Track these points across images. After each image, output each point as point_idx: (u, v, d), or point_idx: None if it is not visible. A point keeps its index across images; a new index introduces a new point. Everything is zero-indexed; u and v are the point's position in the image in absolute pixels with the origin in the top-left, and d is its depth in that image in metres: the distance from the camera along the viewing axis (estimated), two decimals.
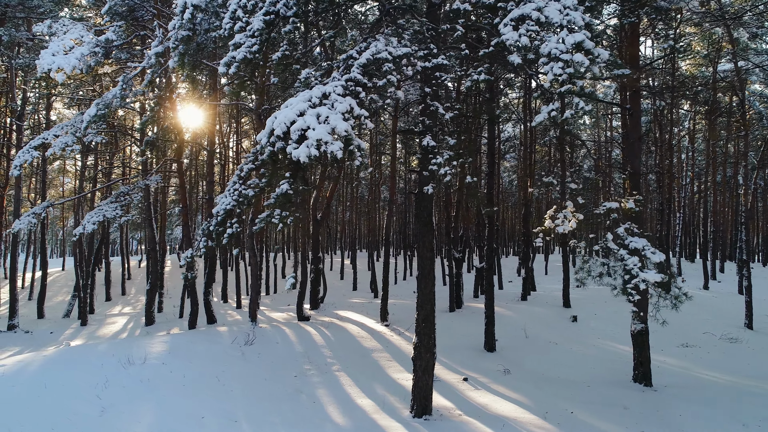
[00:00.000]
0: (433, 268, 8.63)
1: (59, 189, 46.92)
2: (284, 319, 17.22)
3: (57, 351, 11.43)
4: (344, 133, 5.96)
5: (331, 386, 9.97)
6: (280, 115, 6.29)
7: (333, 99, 6.36)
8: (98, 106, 10.49)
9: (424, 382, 8.46)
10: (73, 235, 13.65)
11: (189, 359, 10.70)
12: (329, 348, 12.30)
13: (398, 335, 14.01)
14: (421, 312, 8.57)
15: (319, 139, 5.87)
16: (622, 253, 7.03)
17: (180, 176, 15.30)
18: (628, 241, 7.03)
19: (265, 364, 10.88)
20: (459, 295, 17.66)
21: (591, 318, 16.61)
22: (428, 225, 8.51)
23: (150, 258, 18.55)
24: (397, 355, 12.24)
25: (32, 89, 21.68)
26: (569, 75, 5.96)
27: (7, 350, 16.75)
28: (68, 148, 12.43)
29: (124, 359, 10.42)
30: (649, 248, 6.87)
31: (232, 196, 8.23)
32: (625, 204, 7.49)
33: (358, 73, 6.49)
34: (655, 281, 6.68)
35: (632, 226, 7.26)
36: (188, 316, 20.97)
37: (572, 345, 13.73)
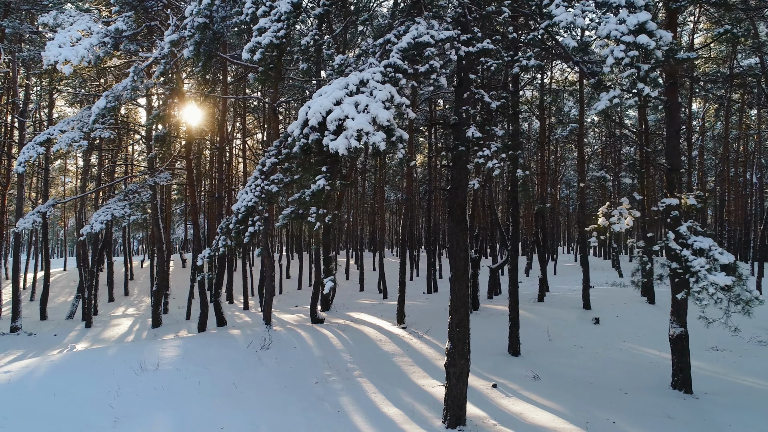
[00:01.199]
0: (467, 270, 8.12)
1: (60, 188, 46.42)
2: (296, 321, 16.71)
3: (64, 356, 10.91)
4: (387, 122, 5.45)
5: (355, 393, 9.45)
6: (314, 104, 5.78)
7: (371, 86, 5.84)
8: (108, 99, 9.97)
9: (459, 390, 7.95)
10: (80, 235, 13.14)
11: (204, 365, 10.19)
12: (348, 352, 11.79)
13: (417, 338, 13.50)
14: (454, 316, 8.05)
15: (359, 129, 5.36)
16: (686, 254, 6.53)
17: (189, 173, 14.78)
18: (691, 240, 6.52)
19: (284, 369, 10.36)
20: (476, 296, 17.16)
21: (613, 320, 16.10)
22: (462, 223, 8.00)
23: (157, 258, 18.02)
24: (419, 360, 11.73)
25: (35, 85, 21.10)
26: (632, 58, 5.45)
27: (10, 353, 16.24)
28: (75, 144, 11.91)
29: (135, 365, 9.91)
30: (716, 248, 6.35)
31: (253, 192, 7.72)
32: (686, 200, 6.98)
33: (397, 59, 5.98)
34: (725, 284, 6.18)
35: (695, 225, 6.76)
36: (197, 318, 20.49)
37: (598, 348, 13.22)
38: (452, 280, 8.10)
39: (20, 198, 18.82)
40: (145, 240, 64.12)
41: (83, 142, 11.90)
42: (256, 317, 19.78)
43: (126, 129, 19.49)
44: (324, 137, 5.64)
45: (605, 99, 5.53)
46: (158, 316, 18.75)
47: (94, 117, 9.73)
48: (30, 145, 12.32)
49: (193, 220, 14.91)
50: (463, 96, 7.85)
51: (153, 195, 15.08)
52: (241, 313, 22.15)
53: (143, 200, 14.26)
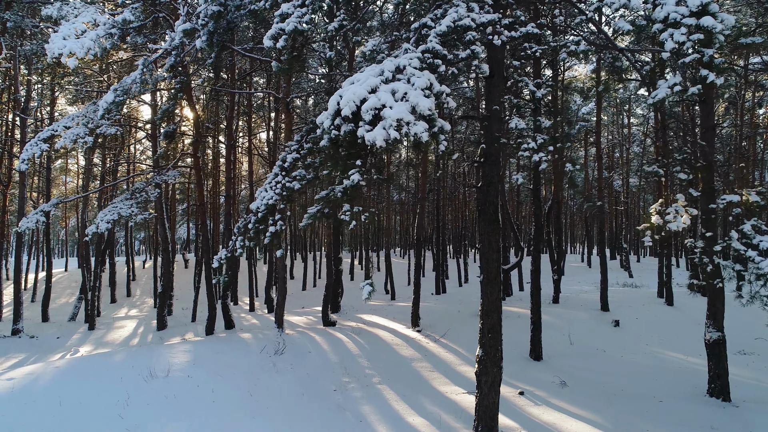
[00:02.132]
0: (500, 272, 7.65)
1: (61, 188, 45.98)
2: (306, 323, 16.23)
3: (70, 362, 10.44)
4: (428, 111, 4.98)
5: (376, 402, 8.99)
6: (347, 92, 5.30)
7: (409, 73, 5.37)
8: (116, 92, 9.50)
9: (491, 399, 7.48)
10: (84, 235, 12.66)
11: (216, 371, 9.72)
12: (365, 357, 11.32)
13: (434, 342, 13.03)
14: (486, 321, 7.58)
15: (399, 118, 4.88)
16: (752, 254, 6.07)
17: (197, 171, 14.30)
18: (757, 240, 6.08)
19: (300, 376, 9.89)
20: None
21: (633, 323, 15.64)
22: (494, 222, 7.53)
23: (162, 259, 17.55)
24: (438, 365, 11.26)
25: (37, 82, 20.61)
26: (695, 43, 4.98)
27: (12, 357, 15.78)
28: (80, 140, 11.44)
29: (145, 371, 9.45)
30: None
31: (273, 189, 7.25)
32: (747, 197, 6.53)
33: (436, 43, 5.51)
34: None
35: (759, 223, 6.30)
36: (203, 320, 20.02)
37: (622, 353, 12.76)
38: (483, 282, 7.63)
39: (22, 197, 18.34)
40: (146, 240, 63.64)
41: (88, 138, 11.43)
42: (263, 319, 19.32)
43: (130, 126, 18.99)
44: (358, 128, 5.17)
45: (664, 87, 5.06)
46: (163, 318, 18.28)
47: (102, 111, 9.25)
48: (33, 141, 11.85)
49: (200, 220, 14.45)
50: (496, 87, 7.38)
51: (160, 194, 14.59)
52: (248, 314, 21.68)
53: (151, 199, 13.79)
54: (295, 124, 34.68)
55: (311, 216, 6.53)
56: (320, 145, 5.84)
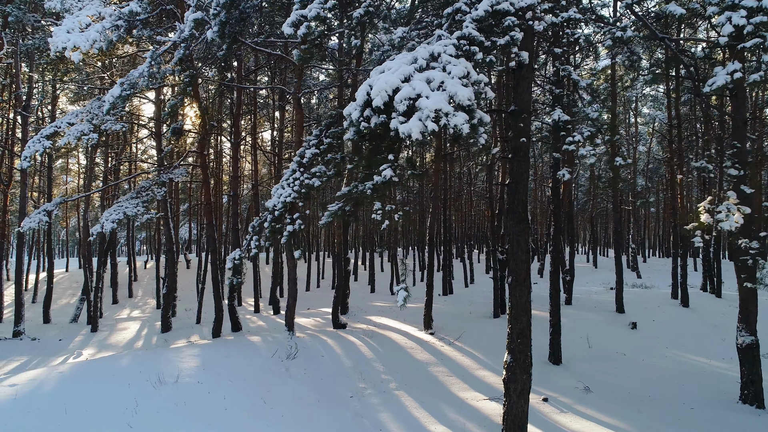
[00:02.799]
0: (529, 274, 7.27)
1: (61, 188, 45.62)
2: (315, 325, 15.85)
3: (74, 366, 10.06)
4: (467, 102, 4.61)
5: (395, 409, 8.61)
6: (378, 81, 4.93)
7: (444, 61, 5.00)
8: (123, 86, 9.12)
9: (520, 408, 7.11)
10: (89, 235, 12.27)
11: (227, 377, 9.34)
12: (380, 361, 10.94)
13: (448, 345, 12.65)
14: (515, 325, 7.20)
15: (438, 109, 4.51)
16: None
17: (203, 170, 13.92)
18: None
19: (314, 382, 9.51)
20: (503, 299, 16.31)
21: (650, 325, 15.25)
22: (523, 222, 7.15)
23: (167, 259, 17.17)
24: (455, 370, 10.88)
25: (38, 81, 20.22)
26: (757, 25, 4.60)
27: (13, 360, 15.40)
28: (84, 137, 11.05)
29: (153, 377, 9.06)
30: None
31: (291, 186, 6.87)
32: None
33: (472, 29, 5.13)
34: None
35: None
36: (208, 322, 19.63)
37: (642, 356, 12.37)
38: (512, 285, 7.25)
39: (23, 196, 17.96)
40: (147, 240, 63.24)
41: (93, 135, 11.05)
42: (269, 321, 18.93)
43: (133, 124, 18.60)
44: (391, 120, 4.79)
45: (723, 75, 4.67)
46: (168, 320, 17.90)
47: (109, 106, 8.88)
48: (36, 138, 11.48)
49: (207, 219, 14.07)
50: (525, 78, 7.00)
51: (166, 192, 14.22)
52: (253, 316, 21.29)
53: (157, 198, 13.42)
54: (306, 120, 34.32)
55: (332, 214, 6.15)
56: (345, 138, 5.46)
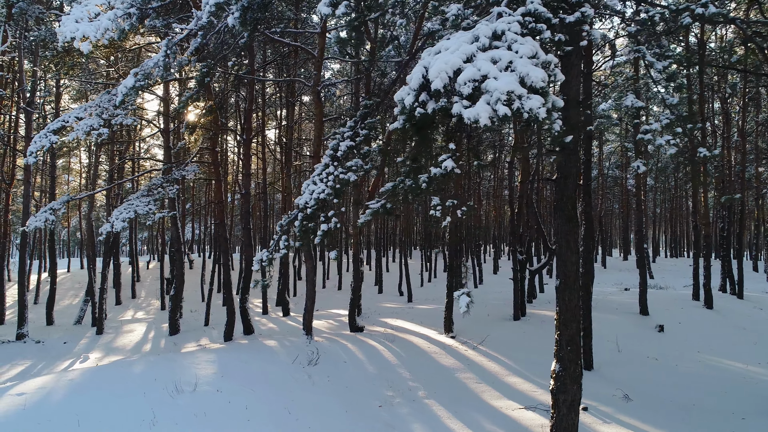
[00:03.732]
0: (578, 276, 6.76)
1: (63, 188, 45.12)
2: (329, 328, 15.34)
3: (84, 373, 9.53)
4: (541, 83, 4.09)
5: (427, 419, 8.09)
6: (436, 62, 4.41)
7: (509, 39, 4.48)
8: (137, 77, 8.60)
9: (570, 421, 6.59)
10: (97, 234, 11.77)
11: (247, 384, 8.82)
12: (405, 367, 10.42)
13: (473, 350, 12.14)
14: (564, 332, 6.68)
15: (510, 91, 3.99)
16: None
17: (215, 167, 13.42)
18: None
19: (339, 390, 8.99)
20: (523, 301, 15.79)
21: (676, 327, 14.75)
22: (573, 220, 6.64)
23: (175, 260, 16.66)
24: (484, 377, 10.37)
25: (42, 78, 19.66)
26: None
27: (18, 364, 14.88)
28: (94, 132, 10.54)
29: (170, 385, 8.54)
30: None
31: (325, 182, 6.34)
32: None
33: (538, 4, 4.61)
34: None
35: None
36: (217, 324, 19.12)
37: (675, 361, 11.87)
38: (560, 288, 6.73)
39: (27, 195, 17.45)
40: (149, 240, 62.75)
41: (103, 130, 10.53)
42: (280, 323, 18.42)
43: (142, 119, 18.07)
44: (453, 104, 4.26)
45: None
46: (176, 322, 17.38)
47: (122, 97, 8.36)
48: (42, 133, 10.95)
49: (219, 218, 13.56)
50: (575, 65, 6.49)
51: (179, 190, 13.71)
52: (262, 318, 20.76)
53: (169, 196, 12.89)
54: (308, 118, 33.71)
55: (374, 212, 5.63)
56: (390, 128, 4.93)
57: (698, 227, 18.23)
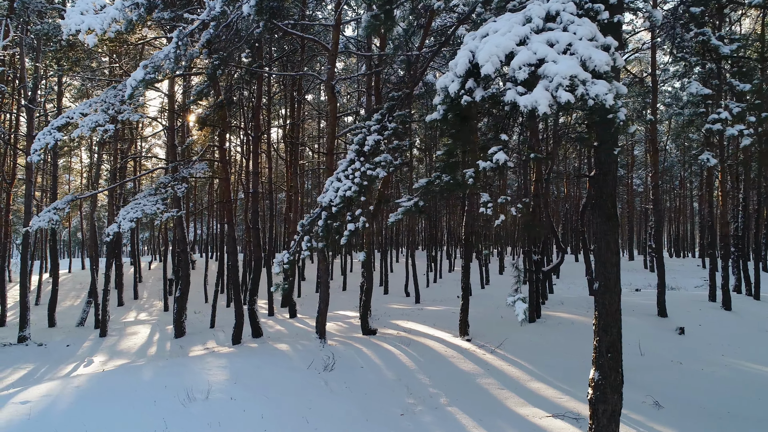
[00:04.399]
0: (620, 278, 6.37)
1: (64, 187, 44.75)
2: (340, 331, 14.95)
3: (91, 379, 9.14)
4: (605, 67, 3.71)
5: (452, 429, 7.71)
6: (486, 45, 4.01)
7: (565, 20, 4.08)
8: (146, 69, 8.20)
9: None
10: (102, 234, 11.36)
11: (261, 392, 8.43)
12: (423, 373, 10.03)
13: (491, 354, 11.74)
14: (603, 338, 6.30)
15: (573, 75, 3.61)
16: None
17: (223, 165, 13.02)
18: None
19: (358, 397, 8.60)
20: (538, 302, 15.41)
21: (697, 330, 14.36)
22: (613, 219, 6.25)
23: (180, 260, 16.26)
24: (506, 382, 9.97)
25: (48, 66, 19.18)
26: None
27: (20, 368, 14.49)
28: (100, 128, 10.15)
29: (181, 392, 8.15)
30: None
31: (351, 178, 5.94)
32: None
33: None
34: None
35: None
36: (223, 326, 18.73)
37: (701, 365, 11.48)
38: (599, 292, 6.34)
39: (29, 195, 17.05)
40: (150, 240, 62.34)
41: (109, 126, 10.14)
42: (288, 326, 18.03)
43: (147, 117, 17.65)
44: (505, 91, 3.87)
45: None
46: (182, 324, 16.99)
47: (131, 90, 7.97)
48: (46, 130, 10.56)
49: (227, 218, 13.16)
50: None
51: (187, 189, 13.33)
52: (268, 320, 20.37)
53: (178, 195, 12.49)
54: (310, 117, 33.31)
55: (406, 210, 5.24)
56: (428, 120, 4.53)
57: (714, 227, 17.84)
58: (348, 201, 5.78)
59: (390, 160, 5.69)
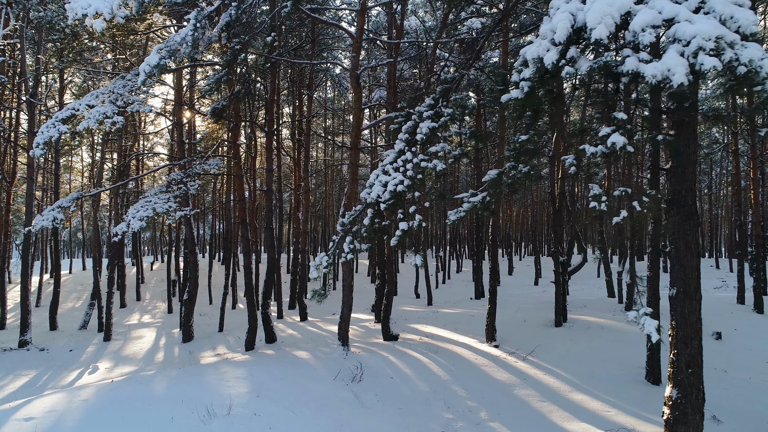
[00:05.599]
0: (699, 284, 5.66)
1: (65, 187, 44.01)
2: (357, 335, 14.23)
3: (99, 392, 8.42)
4: (753, 28, 2.98)
5: None
6: (595, 4, 3.29)
7: None
8: (161, 54, 7.49)
9: None
10: (114, 234, 10.66)
11: (287, 406, 7.71)
12: (458, 384, 9.32)
13: (522, 361, 11.04)
14: (683, 350, 5.60)
15: (718, 36, 2.88)
16: None
17: (236, 161, 12.31)
18: None
19: (392, 412, 7.89)
20: (565, 306, 14.70)
21: (734, 334, 13.68)
22: (693, 217, 5.55)
23: (189, 261, 15.54)
24: (545, 393, 9.27)
25: (51, 56, 18.41)
26: None
27: (22, 375, 13.77)
28: (108, 120, 9.44)
29: (200, 407, 7.43)
30: None
31: (402, 171, 5.22)
32: None
33: None
34: None
35: None
36: (233, 330, 18.02)
37: (747, 373, 10.79)
38: (678, 299, 5.64)
39: (30, 193, 16.32)
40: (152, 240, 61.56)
41: (118, 118, 9.43)
42: (301, 330, 17.31)
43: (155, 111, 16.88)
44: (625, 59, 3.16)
45: None
46: (190, 328, 16.28)
47: (144, 76, 7.27)
48: (50, 123, 9.85)
49: (240, 217, 12.43)
50: None
51: (201, 186, 12.68)
52: (278, 323, 19.65)
53: (191, 192, 11.78)
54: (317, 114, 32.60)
55: (472, 207, 4.52)
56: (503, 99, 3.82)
57: (743, 225, 17.15)
58: (399, 196, 5.07)
59: (449, 150, 4.98)
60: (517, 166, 4.18)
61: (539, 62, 3.56)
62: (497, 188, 4.41)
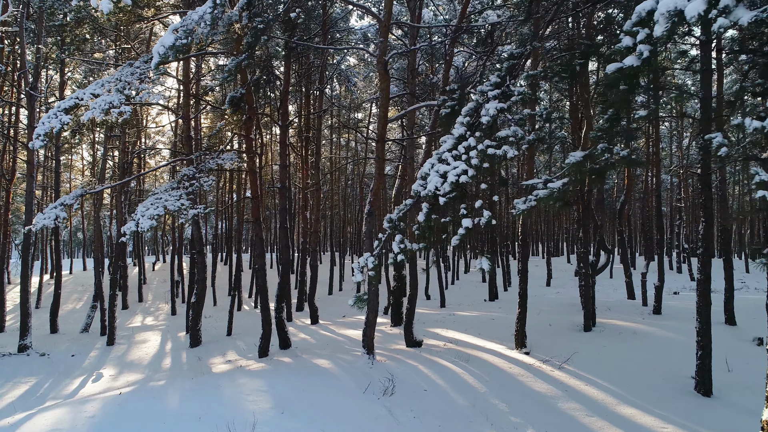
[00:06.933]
0: None
1: (65, 186, 43.31)
2: (376, 340, 13.48)
3: (106, 406, 7.67)
4: None
5: None
6: None
7: None
8: (176, 34, 6.74)
9: None
10: (122, 234, 9.92)
11: (318, 424, 6.96)
12: (496, 396, 8.57)
13: (559, 370, 10.30)
14: None
15: None
16: None
17: (249, 156, 11.58)
18: None
19: (432, 430, 7.14)
20: (594, 310, 13.97)
21: None
22: None
23: (197, 263, 14.80)
24: (591, 407, 8.53)
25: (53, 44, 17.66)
26: None
27: (21, 382, 13.04)
28: (114, 110, 8.71)
29: (221, 426, 6.68)
30: None
31: (465, 160, 4.46)
32: None
33: None
34: None
35: None
36: (241, 334, 17.28)
37: None
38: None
39: (30, 191, 15.59)
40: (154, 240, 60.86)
41: (125, 107, 8.72)
42: (313, 333, 16.56)
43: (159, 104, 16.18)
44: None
45: None
46: (197, 333, 15.54)
47: (158, 58, 6.53)
48: (52, 112, 9.12)
49: (254, 216, 11.70)
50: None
51: (215, 182, 11.94)
52: (288, 327, 18.88)
53: (204, 188, 11.08)
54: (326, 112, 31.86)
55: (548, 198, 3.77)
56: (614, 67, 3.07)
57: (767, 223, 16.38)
58: (462, 188, 4.32)
59: (521, 135, 4.22)
60: (612, 148, 3.45)
61: (676, 15, 2.82)
62: (582, 175, 3.68)
